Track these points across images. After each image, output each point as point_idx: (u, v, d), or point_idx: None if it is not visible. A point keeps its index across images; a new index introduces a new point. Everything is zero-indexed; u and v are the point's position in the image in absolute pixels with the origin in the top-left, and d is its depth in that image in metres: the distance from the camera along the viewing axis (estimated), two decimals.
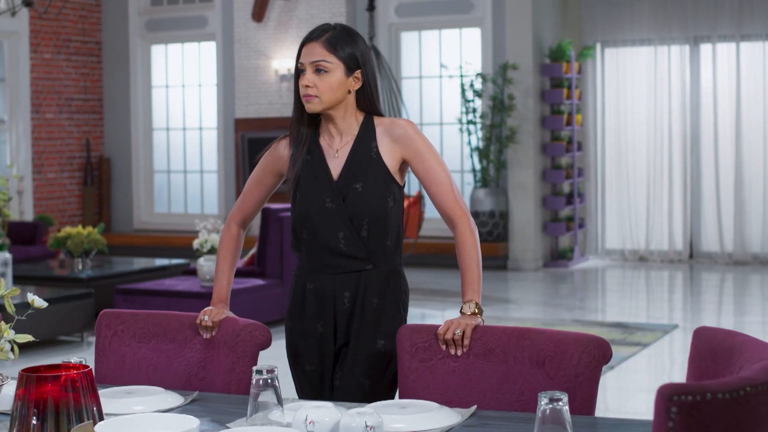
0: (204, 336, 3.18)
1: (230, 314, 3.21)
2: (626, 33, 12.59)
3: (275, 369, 2.58)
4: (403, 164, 3.20)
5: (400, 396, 3.00)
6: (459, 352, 2.95)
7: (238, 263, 9.32)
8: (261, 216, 8.81)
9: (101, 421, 2.42)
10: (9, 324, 2.60)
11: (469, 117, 12.18)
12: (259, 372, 2.57)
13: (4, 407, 2.77)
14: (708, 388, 1.75)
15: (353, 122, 3.20)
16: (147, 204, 14.16)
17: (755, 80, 12.15)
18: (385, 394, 3.16)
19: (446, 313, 9.38)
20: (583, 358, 2.79)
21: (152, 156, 14.17)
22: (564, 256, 12.43)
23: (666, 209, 12.52)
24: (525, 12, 11.94)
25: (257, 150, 10.46)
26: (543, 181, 12.39)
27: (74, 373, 2.40)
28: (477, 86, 12.16)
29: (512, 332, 2.93)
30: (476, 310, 3.01)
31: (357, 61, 3.15)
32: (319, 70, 3.12)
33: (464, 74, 12.28)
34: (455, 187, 3.16)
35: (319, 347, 3.21)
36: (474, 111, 12.14)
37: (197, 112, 13.97)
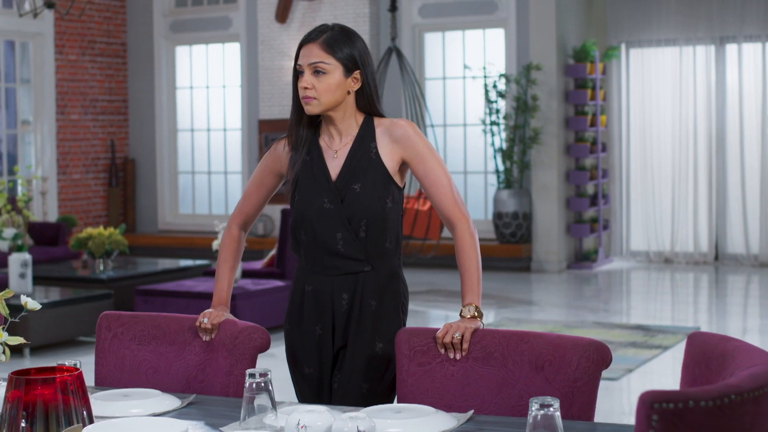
0: (203, 338, 3.16)
1: (230, 316, 3.19)
2: (651, 33, 12.50)
3: (268, 372, 2.56)
4: (403, 165, 3.17)
5: (398, 400, 2.97)
6: (458, 356, 2.92)
7: (258, 264, 9.35)
8: (281, 217, 8.80)
9: (90, 424, 2.42)
10: (3, 326, 2.60)
11: (493, 118, 12.13)
12: (252, 375, 2.55)
13: None
14: (690, 396, 1.70)
15: (353, 123, 3.18)
16: (171, 205, 14.19)
17: None
18: (384, 398, 3.13)
19: None
20: (582, 363, 2.74)
21: (177, 157, 14.20)
22: (588, 258, 12.35)
23: (691, 210, 12.42)
24: (549, 12, 11.87)
25: None
26: (567, 183, 12.32)
27: (64, 376, 2.39)
28: (500, 87, 12.10)
29: (512, 336, 2.89)
30: (476, 314, 2.98)
31: (356, 62, 3.12)
32: (318, 72, 3.09)
33: (488, 75, 12.23)
34: (455, 189, 3.13)
35: (318, 350, 3.18)
36: (497, 112, 12.08)
37: (221, 113, 13.99)
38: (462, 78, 12.68)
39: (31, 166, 11.33)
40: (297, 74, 3.14)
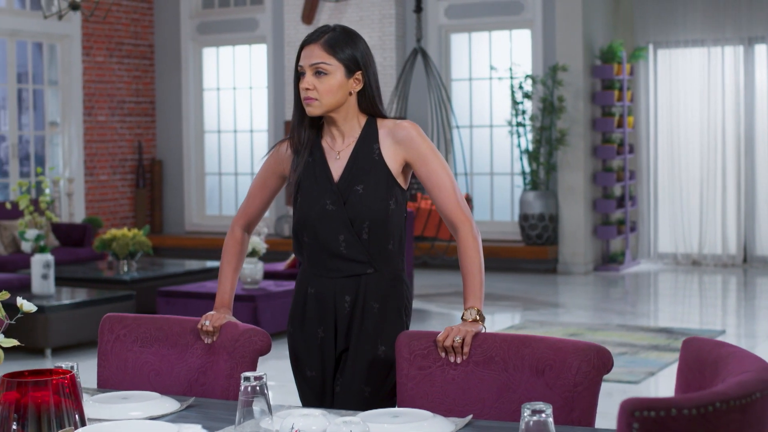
0: (205, 341, 3.15)
1: (232, 319, 3.17)
2: (679, 34, 12.40)
3: (263, 376, 2.54)
4: (406, 167, 3.13)
5: (398, 404, 2.94)
6: (458, 360, 2.88)
7: (281, 266, 9.34)
8: None
9: (82, 427, 2.41)
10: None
11: (519, 119, 12.07)
12: (247, 379, 2.53)
13: None
14: (673, 404, 1.65)
15: (355, 124, 3.15)
16: (198, 206, 14.23)
17: None
18: (387, 402, 3.09)
19: (493, 317, 9.30)
20: (582, 367, 2.70)
21: (203, 158, 14.23)
22: (615, 260, 12.26)
23: (719, 212, 12.31)
24: (575, 13, 11.80)
25: None
26: (593, 184, 12.24)
27: (57, 379, 2.38)
28: (527, 88, 12.04)
29: (513, 340, 2.85)
30: (477, 317, 2.94)
31: (357, 63, 3.09)
32: (319, 73, 3.07)
33: (514, 76, 12.17)
34: (458, 192, 3.09)
35: (320, 353, 3.16)
36: (524, 113, 12.03)
37: (248, 115, 14.01)
38: (488, 79, 12.62)
39: (53, 168, 11.37)
40: (298, 75, 3.12)
